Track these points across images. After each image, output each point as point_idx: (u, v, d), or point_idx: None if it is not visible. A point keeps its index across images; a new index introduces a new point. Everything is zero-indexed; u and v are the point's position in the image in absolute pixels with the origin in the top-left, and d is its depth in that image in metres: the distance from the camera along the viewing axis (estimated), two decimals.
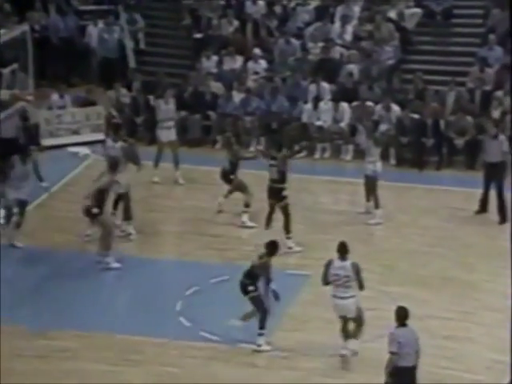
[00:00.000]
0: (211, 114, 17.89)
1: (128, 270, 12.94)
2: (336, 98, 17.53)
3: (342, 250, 10.56)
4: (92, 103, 18.25)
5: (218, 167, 16.06)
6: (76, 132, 17.95)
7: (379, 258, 13.16)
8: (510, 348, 9.72)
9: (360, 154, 17.08)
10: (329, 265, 10.59)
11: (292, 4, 19.72)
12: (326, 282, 10.66)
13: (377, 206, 14.24)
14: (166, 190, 15.53)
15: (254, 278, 10.99)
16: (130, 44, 20.04)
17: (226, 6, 20.00)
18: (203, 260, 13.21)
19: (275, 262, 11.22)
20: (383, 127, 17.02)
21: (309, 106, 17.60)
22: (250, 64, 18.78)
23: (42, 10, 20.34)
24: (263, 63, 18.80)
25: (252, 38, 19.47)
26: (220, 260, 13.22)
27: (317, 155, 17.33)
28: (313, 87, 17.90)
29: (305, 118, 17.56)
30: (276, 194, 13.26)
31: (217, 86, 18.28)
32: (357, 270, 10.51)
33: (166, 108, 15.79)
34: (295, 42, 19.05)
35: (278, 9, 19.75)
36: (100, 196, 12.65)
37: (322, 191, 15.98)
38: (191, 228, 14.23)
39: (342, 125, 17.37)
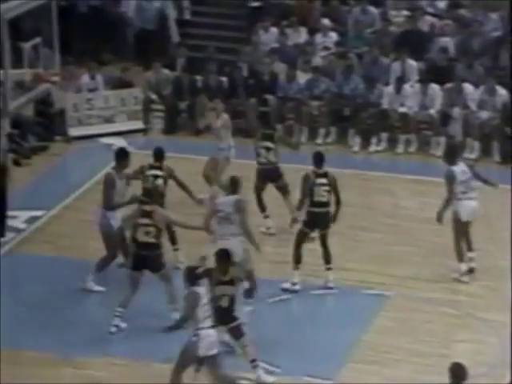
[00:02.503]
0: (270, 98, 17.88)
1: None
2: (425, 79, 17.38)
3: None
4: (128, 85, 18.33)
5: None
6: (109, 120, 18.09)
7: (480, 279, 12.95)
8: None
9: None
10: None
11: None
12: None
13: None
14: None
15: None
16: (172, 13, 20.16)
17: None
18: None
19: (348, 278, 11.07)
20: (485, 115, 16.82)
21: (390, 88, 17.48)
22: (318, 37, 18.74)
23: None
24: (334, 36, 18.74)
25: (320, 6, 19.42)
26: None
27: (400, 149, 17.21)
28: (396, 65, 17.78)
29: (385, 104, 17.44)
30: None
31: (277, 65, 18.27)
32: None
33: None
34: (373, 10, 18.97)
35: None
36: None
37: (406, 193, 15.83)
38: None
39: (432, 112, 17.23)
